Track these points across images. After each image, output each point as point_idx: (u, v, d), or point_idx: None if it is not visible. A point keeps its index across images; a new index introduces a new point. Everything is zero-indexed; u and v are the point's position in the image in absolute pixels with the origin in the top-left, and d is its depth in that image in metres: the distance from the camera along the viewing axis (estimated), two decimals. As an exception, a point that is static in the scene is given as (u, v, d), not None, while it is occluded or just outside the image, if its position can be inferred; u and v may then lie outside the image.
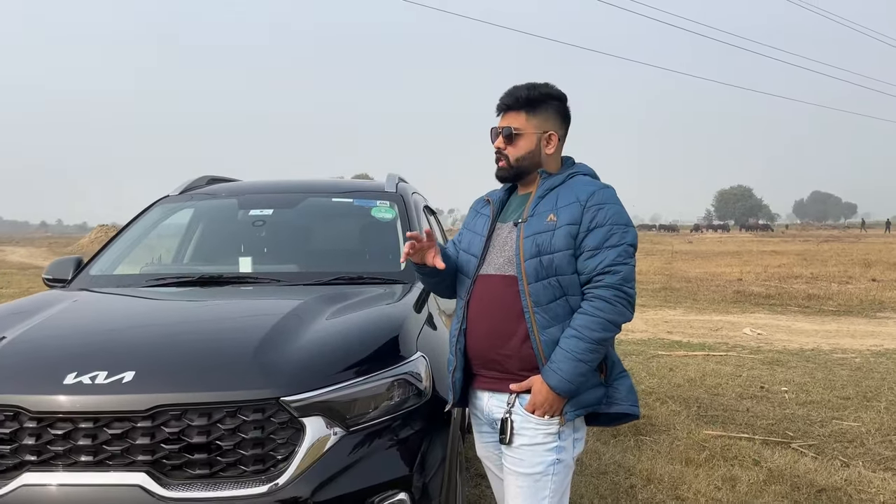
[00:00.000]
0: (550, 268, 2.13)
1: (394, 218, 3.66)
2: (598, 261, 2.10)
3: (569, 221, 2.14)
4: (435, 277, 2.40)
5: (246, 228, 3.74)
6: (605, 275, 2.09)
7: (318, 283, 3.11)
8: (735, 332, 9.82)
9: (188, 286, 3.16)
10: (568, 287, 2.14)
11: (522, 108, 2.28)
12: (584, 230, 2.13)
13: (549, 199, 2.23)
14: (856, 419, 5.42)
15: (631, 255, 2.14)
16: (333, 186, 4.05)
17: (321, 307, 2.64)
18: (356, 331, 2.49)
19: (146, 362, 2.19)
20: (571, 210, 2.16)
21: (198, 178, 4.19)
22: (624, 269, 2.10)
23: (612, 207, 2.16)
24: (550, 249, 2.14)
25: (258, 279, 3.19)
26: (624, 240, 2.12)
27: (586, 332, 2.07)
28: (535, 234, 2.17)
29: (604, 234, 2.11)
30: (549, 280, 2.14)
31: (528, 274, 2.15)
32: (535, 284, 2.14)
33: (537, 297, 2.14)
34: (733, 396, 6.13)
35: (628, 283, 2.10)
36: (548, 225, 2.17)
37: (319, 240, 3.79)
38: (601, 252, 2.11)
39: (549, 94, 2.29)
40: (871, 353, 8.17)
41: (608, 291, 2.08)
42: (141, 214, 3.86)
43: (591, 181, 2.26)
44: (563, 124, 2.33)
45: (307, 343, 2.35)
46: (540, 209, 2.22)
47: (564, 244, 2.13)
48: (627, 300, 2.10)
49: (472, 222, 2.45)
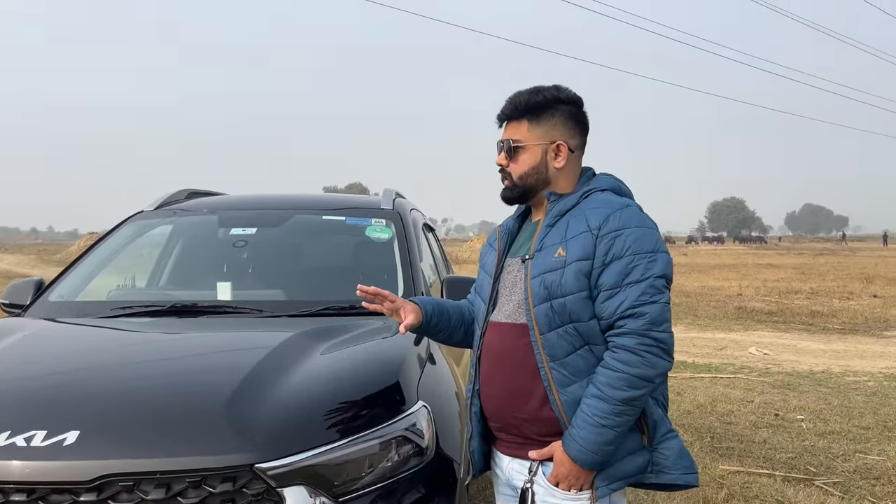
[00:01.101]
0: (564, 314, 1.76)
1: (390, 238, 3.31)
2: (618, 302, 1.72)
3: (580, 256, 1.76)
4: (437, 334, 2.08)
5: (226, 249, 3.37)
6: (627, 319, 1.71)
7: (305, 315, 2.75)
8: (740, 352, 9.50)
9: (158, 316, 2.79)
10: (588, 335, 1.77)
11: (524, 117, 1.92)
12: (598, 265, 1.75)
13: (558, 227, 1.85)
14: (880, 452, 5.09)
15: (660, 289, 1.74)
16: (324, 202, 3.68)
17: (306, 347, 2.29)
18: (347, 378, 2.13)
19: (94, 419, 1.82)
20: (582, 242, 1.77)
21: (176, 192, 3.82)
22: (651, 309, 1.71)
23: (633, 232, 1.76)
24: (561, 291, 1.76)
25: (237, 309, 2.82)
26: (650, 272, 1.73)
27: (609, 392, 1.70)
28: (543, 274, 1.80)
29: (622, 268, 1.73)
30: (565, 328, 1.77)
31: (539, 322, 1.79)
32: (549, 335, 1.78)
33: (552, 349, 1.78)
34: (747, 425, 5.79)
35: (658, 326, 1.71)
36: (556, 261, 1.79)
37: (307, 263, 3.42)
38: (621, 291, 1.72)
39: (556, 98, 1.92)
40: (885, 377, 7.86)
41: (632, 339, 1.70)
42: (111, 232, 3.49)
43: (607, 200, 1.84)
44: (577, 132, 1.95)
45: (289, 394, 1.99)
46: (548, 241, 1.84)
47: (576, 284, 1.75)
48: (659, 347, 1.71)
49: (484, 259, 2.09)
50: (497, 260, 1.99)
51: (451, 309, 2.10)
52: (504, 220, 2.13)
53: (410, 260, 3.14)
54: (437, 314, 2.05)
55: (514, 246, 2.00)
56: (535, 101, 1.91)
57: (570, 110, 1.94)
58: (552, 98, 1.92)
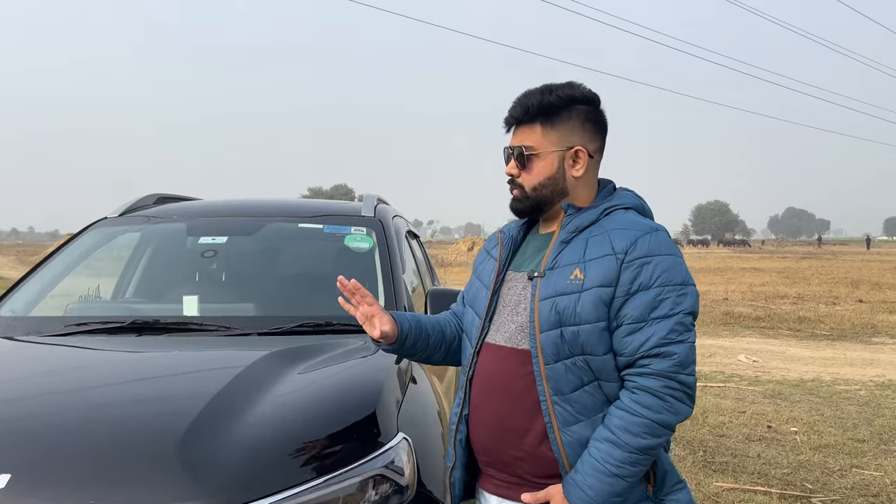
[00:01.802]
0: (575, 344, 1.56)
1: (371, 248, 3.09)
2: (643, 338, 1.53)
3: (601, 282, 1.56)
4: (414, 354, 1.88)
5: (194, 260, 3.14)
6: (652, 358, 1.52)
7: (277, 332, 2.53)
8: (729, 359, 9.37)
9: (116, 334, 2.56)
10: (600, 370, 1.58)
11: (537, 120, 1.70)
12: (621, 294, 1.55)
13: (575, 245, 1.64)
14: (877, 468, 4.95)
15: (689, 327, 1.56)
16: (301, 209, 3.45)
17: (275, 372, 2.07)
18: (320, 409, 1.92)
19: (28, 461, 1.60)
20: (605, 265, 1.57)
21: (144, 197, 3.57)
22: (679, 349, 1.52)
23: (662, 261, 1.57)
24: (575, 319, 1.56)
25: (203, 326, 2.59)
26: (679, 307, 1.55)
27: (625, 437, 1.51)
28: (556, 297, 1.59)
29: (651, 301, 1.54)
30: (574, 360, 1.57)
31: (545, 350, 1.58)
32: (556, 365, 1.58)
33: (558, 382, 1.58)
34: (740, 438, 5.63)
35: (685, 368, 1.53)
36: (572, 284, 1.59)
37: (281, 275, 3.18)
38: (647, 326, 1.53)
39: (571, 98, 1.70)
40: (876, 385, 7.75)
41: (657, 381, 1.51)
42: (71, 240, 3.25)
43: (635, 220, 1.65)
44: (597, 136, 1.75)
45: (253, 430, 1.77)
46: (563, 260, 1.64)
47: (594, 313, 1.55)
48: (684, 392, 1.53)
49: (480, 267, 1.87)
50: (497, 270, 1.77)
51: (431, 326, 1.89)
52: (506, 224, 1.92)
53: (392, 271, 2.94)
54: (416, 331, 1.84)
55: (519, 257, 1.78)
56: (548, 101, 1.69)
57: (586, 111, 1.72)
58: (567, 97, 1.70)
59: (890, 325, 12.57)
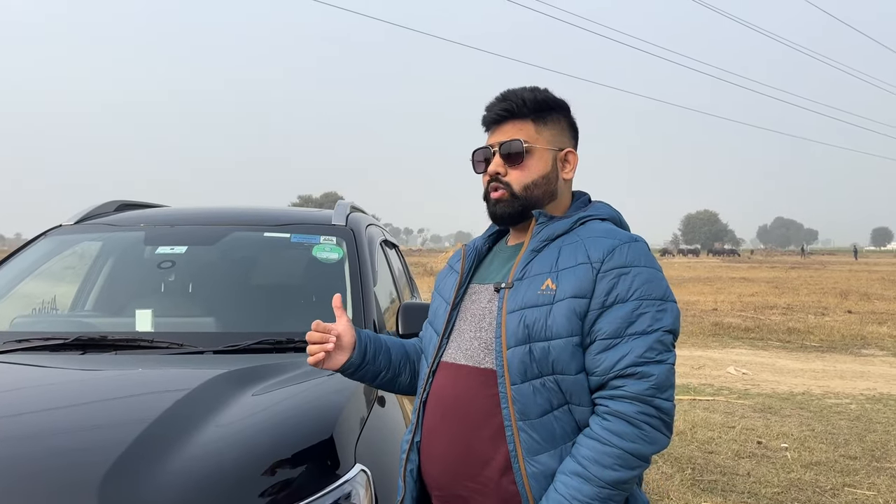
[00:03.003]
0: (545, 362, 1.41)
1: (340, 258, 2.91)
2: (618, 356, 1.38)
3: (574, 292, 1.42)
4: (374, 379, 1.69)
5: (150, 271, 2.94)
6: (627, 379, 1.37)
7: (233, 350, 2.35)
8: (719, 371, 9.23)
9: (58, 351, 2.37)
10: (571, 392, 1.42)
11: (529, 116, 1.57)
12: (596, 306, 1.41)
13: (547, 253, 1.50)
14: (869, 486, 4.79)
15: (668, 347, 1.42)
16: (267, 217, 3.25)
17: (224, 396, 1.88)
18: (267, 438, 1.73)
19: None
20: (578, 274, 1.43)
21: (104, 204, 3.38)
22: (657, 370, 1.38)
23: (641, 272, 1.43)
24: (546, 333, 1.41)
25: (154, 342, 2.40)
26: (658, 324, 1.41)
27: (594, 470, 1.35)
28: (525, 309, 1.44)
29: (627, 315, 1.40)
30: (544, 380, 1.41)
31: (511, 369, 1.42)
32: (523, 386, 1.42)
33: (524, 405, 1.41)
34: (730, 454, 5.47)
35: (662, 392, 1.38)
36: (542, 295, 1.44)
37: (243, 287, 2.98)
38: (623, 342, 1.39)
39: (556, 102, 1.62)
40: (867, 399, 7.62)
41: (631, 406, 1.36)
42: (22, 248, 3.05)
43: (611, 230, 1.52)
44: (575, 141, 1.66)
45: (190, 463, 1.59)
46: (533, 269, 1.49)
47: (566, 327, 1.40)
48: (661, 419, 1.38)
49: (441, 283, 1.72)
50: (458, 283, 1.62)
51: (392, 344, 1.71)
52: (471, 240, 1.77)
53: (362, 284, 2.76)
54: (374, 346, 1.66)
55: (484, 270, 1.63)
56: (542, 98, 1.59)
57: (566, 115, 1.64)
58: (553, 99, 1.61)
59: (879, 337, 12.49)
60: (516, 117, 1.59)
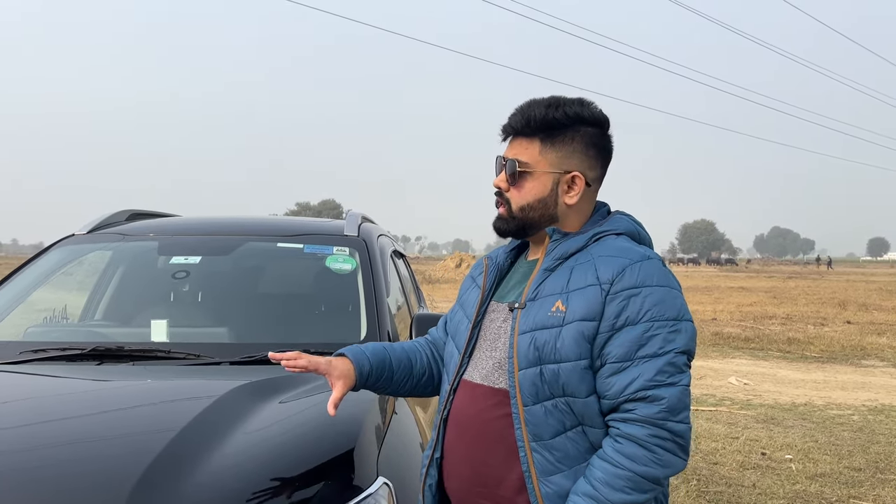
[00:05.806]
0: (556, 384, 1.41)
1: (354, 269, 2.92)
2: (628, 379, 1.38)
3: (583, 315, 1.41)
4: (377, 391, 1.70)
5: (165, 281, 2.96)
6: (638, 402, 1.37)
7: (250, 361, 2.35)
8: (720, 381, 9.24)
9: (74, 362, 2.37)
10: (584, 414, 1.42)
11: (537, 135, 1.54)
12: (606, 329, 1.40)
13: (560, 273, 1.49)
14: (874, 499, 4.80)
15: (681, 368, 1.40)
16: (280, 227, 3.27)
17: (243, 409, 1.89)
18: (289, 450, 1.75)
19: None
20: (588, 296, 1.42)
21: (115, 213, 3.38)
22: (669, 393, 1.36)
23: (653, 292, 1.41)
24: (555, 356, 1.41)
25: (170, 353, 2.41)
26: (670, 345, 1.39)
27: (606, 492, 1.35)
28: (535, 331, 1.44)
29: (638, 337, 1.38)
30: (555, 402, 1.41)
31: (523, 390, 1.43)
32: (535, 408, 1.42)
33: (537, 426, 1.42)
34: (735, 466, 5.47)
35: (675, 415, 1.36)
36: (553, 317, 1.43)
37: (258, 298, 3.00)
38: (633, 365, 1.38)
39: (578, 117, 1.54)
40: (869, 410, 7.63)
41: (642, 429, 1.36)
42: (35, 258, 3.06)
43: (624, 247, 1.49)
44: (598, 162, 1.59)
45: (217, 474, 1.60)
46: (545, 290, 1.48)
47: (575, 350, 1.40)
48: (675, 442, 1.37)
49: (464, 296, 1.70)
50: (480, 301, 1.61)
51: (396, 361, 1.69)
52: (494, 250, 1.76)
53: (376, 295, 2.77)
54: (376, 373, 1.65)
55: (503, 287, 1.62)
56: (553, 116, 1.53)
57: (592, 133, 1.57)
58: (574, 116, 1.54)
59: (879, 348, 12.52)
60: (523, 134, 1.56)
